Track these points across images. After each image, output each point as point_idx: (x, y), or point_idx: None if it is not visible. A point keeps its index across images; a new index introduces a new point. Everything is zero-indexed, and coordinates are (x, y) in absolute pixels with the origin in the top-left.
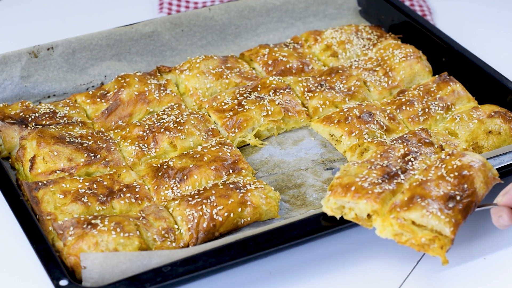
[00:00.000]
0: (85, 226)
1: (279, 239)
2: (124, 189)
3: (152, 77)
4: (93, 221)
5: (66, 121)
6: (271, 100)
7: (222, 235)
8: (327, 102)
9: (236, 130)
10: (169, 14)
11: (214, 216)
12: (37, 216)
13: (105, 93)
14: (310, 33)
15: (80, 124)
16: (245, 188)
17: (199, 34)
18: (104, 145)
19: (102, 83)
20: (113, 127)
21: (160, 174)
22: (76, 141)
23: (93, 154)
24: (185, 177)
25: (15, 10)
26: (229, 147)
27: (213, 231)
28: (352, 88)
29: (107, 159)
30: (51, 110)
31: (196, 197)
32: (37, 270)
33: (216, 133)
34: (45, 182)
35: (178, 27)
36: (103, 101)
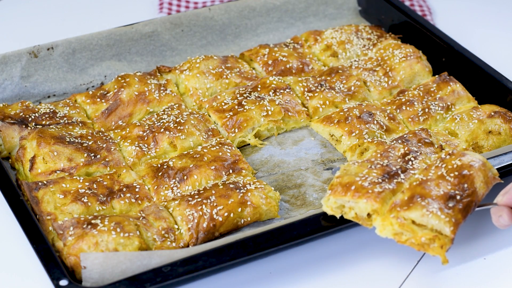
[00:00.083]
0: (85, 226)
1: (279, 239)
2: (124, 189)
3: (152, 77)
4: (93, 221)
5: (66, 121)
6: (271, 100)
7: (222, 235)
8: (327, 102)
9: (236, 130)
10: (169, 14)
11: (214, 216)
12: (37, 216)
13: (105, 93)
14: (310, 33)
15: (80, 124)
16: (245, 188)
17: (199, 34)
18: (104, 145)
19: (102, 83)
20: (113, 127)
21: (160, 174)
22: (76, 141)
23: (93, 154)
24: (185, 177)
25: (15, 10)
26: (229, 147)
27: (213, 231)
28: (352, 88)
29: (107, 159)
30: (51, 110)
31: (196, 197)
32: (37, 270)
33: (216, 133)
34: (45, 182)
35: (178, 27)
36: (103, 101)
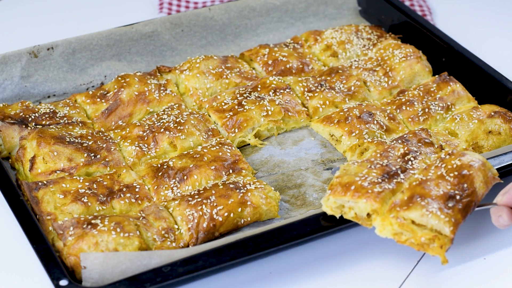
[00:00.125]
0: (85, 226)
1: (279, 239)
2: (124, 189)
3: (152, 77)
4: (93, 221)
5: (66, 121)
6: (271, 100)
7: (222, 235)
8: (327, 102)
9: (236, 130)
10: (169, 14)
11: (214, 216)
12: (37, 216)
13: (105, 93)
14: (310, 33)
15: (80, 124)
16: (245, 188)
17: (199, 34)
18: (104, 145)
19: (102, 83)
20: (113, 127)
21: (160, 174)
22: (76, 141)
23: (93, 154)
24: (185, 177)
25: (15, 10)
26: (229, 147)
27: (213, 231)
28: (352, 88)
29: (107, 159)
30: (51, 110)
31: (196, 197)
32: (37, 270)
33: (216, 133)
34: (45, 182)
35: (178, 27)
36: (103, 101)
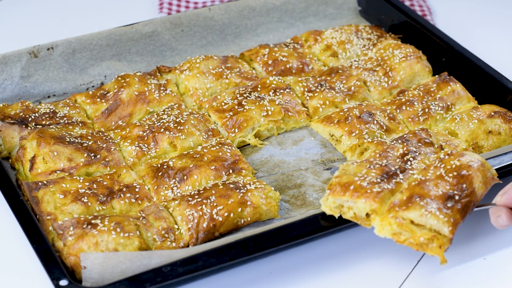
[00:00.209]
0: (85, 226)
1: (279, 239)
2: (124, 189)
3: (152, 77)
4: (93, 221)
5: (66, 121)
6: (271, 100)
7: (222, 235)
8: (327, 102)
9: (236, 130)
10: (169, 14)
11: (214, 216)
12: (37, 216)
13: (105, 93)
14: (310, 33)
15: (80, 124)
16: (245, 188)
17: (199, 34)
18: (104, 145)
19: (102, 83)
20: (113, 127)
21: (160, 174)
22: (76, 141)
23: (93, 154)
24: (185, 177)
25: (15, 10)
26: (229, 147)
27: (213, 231)
28: (352, 88)
29: (107, 159)
30: (51, 110)
31: (196, 197)
32: (37, 270)
33: (216, 133)
34: (45, 182)
35: (178, 27)
36: (103, 101)
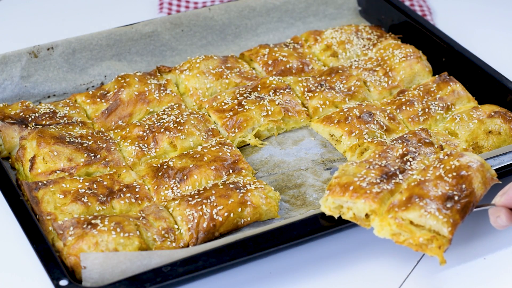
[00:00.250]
0: (85, 226)
1: (279, 239)
2: (124, 189)
3: (152, 77)
4: (93, 221)
5: (66, 121)
6: (271, 100)
7: (222, 235)
8: (327, 102)
9: (236, 130)
10: (169, 14)
11: (214, 216)
12: (37, 216)
13: (105, 93)
14: (310, 33)
15: (80, 124)
16: (245, 188)
17: (199, 34)
18: (104, 145)
19: (102, 83)
20: (113, 127)
21: (160, 174)
22: (76, 141)
23: (93, 154)
24: (185, 177)
25: (15, 10)
26: (229, 147)
27: (213, 231)
28: (352, 88)
29: (107, 159)
30: (51, 110)
31: (196, 197)
32: (37, 270)
33: (216, 133)
34: (45, 182)
35: (178, 27)
36: (103, 101)
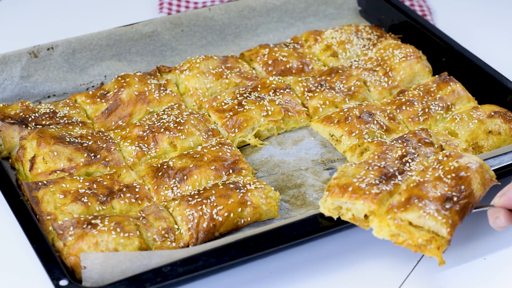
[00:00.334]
0: (85, 226)
1: (279, 239)
2: (124, 189)
3: (152, 77)
4: (93, 221)
5: (66, 121)
6: (271, 100)
7: (222, 235)
8: (327, 102)
9: (236, 130)
10: (169, 14)
11: (214, 216)
12: (37, 216)
13: (105, 93)
14: (310, 33)
15: (80, 124)
16: (245, 188)
17: (199, 34)
18: (104, 145)
19: (102, 83)
20: (113, 127)
21: (160, 174)
22: (76, 141)
23: (93, 154)
24: (185, 177)
25: (15, 10)
26: (229, 147)
27: (213, 231)
28: (352, 88)
29: (107, 159)
30: (51, 110)
31: (196, 197)
32: (37, 270)
33: (216, 133)
34: (45, 182)
35: (178, 27)
36: (103, 101)
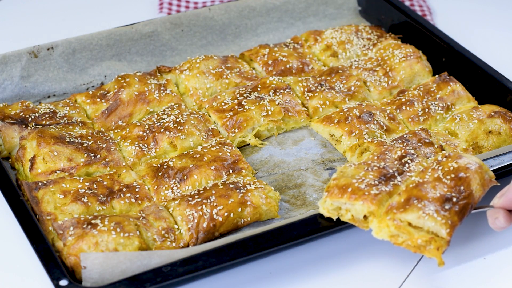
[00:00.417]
0: (85, 226)
1: (279, 239)
2: (124, 189)
3: (152, 77)
4: (93, 221)
5: (66, 121)
6: (271, 100)
7: (222, 235)
8: (327, 102)
9: (236, 130)
10: (169, 14)
11: (214, 216)
12: (37, 216)
13: (105, 93)
14: (310, 33)
15: (80, 124)
16: (245, 188)
17: (199, 34)
18: (104, 145)
19: (102, 83)
20: (113, 127)
21: (160, 174)
22: (76, 141)
23: (93, 154)
24: (185, 177)
25: (15, 10)
26: (229, 147)
27: (213, 231)
28: (352, 88)
29: (107, 159)
30: (51, 110)
31: (196, 197)
32: (37, 270)
33: (216, 133)
34: (45, 182)
35: (178, 27)
36: (103, 101)
